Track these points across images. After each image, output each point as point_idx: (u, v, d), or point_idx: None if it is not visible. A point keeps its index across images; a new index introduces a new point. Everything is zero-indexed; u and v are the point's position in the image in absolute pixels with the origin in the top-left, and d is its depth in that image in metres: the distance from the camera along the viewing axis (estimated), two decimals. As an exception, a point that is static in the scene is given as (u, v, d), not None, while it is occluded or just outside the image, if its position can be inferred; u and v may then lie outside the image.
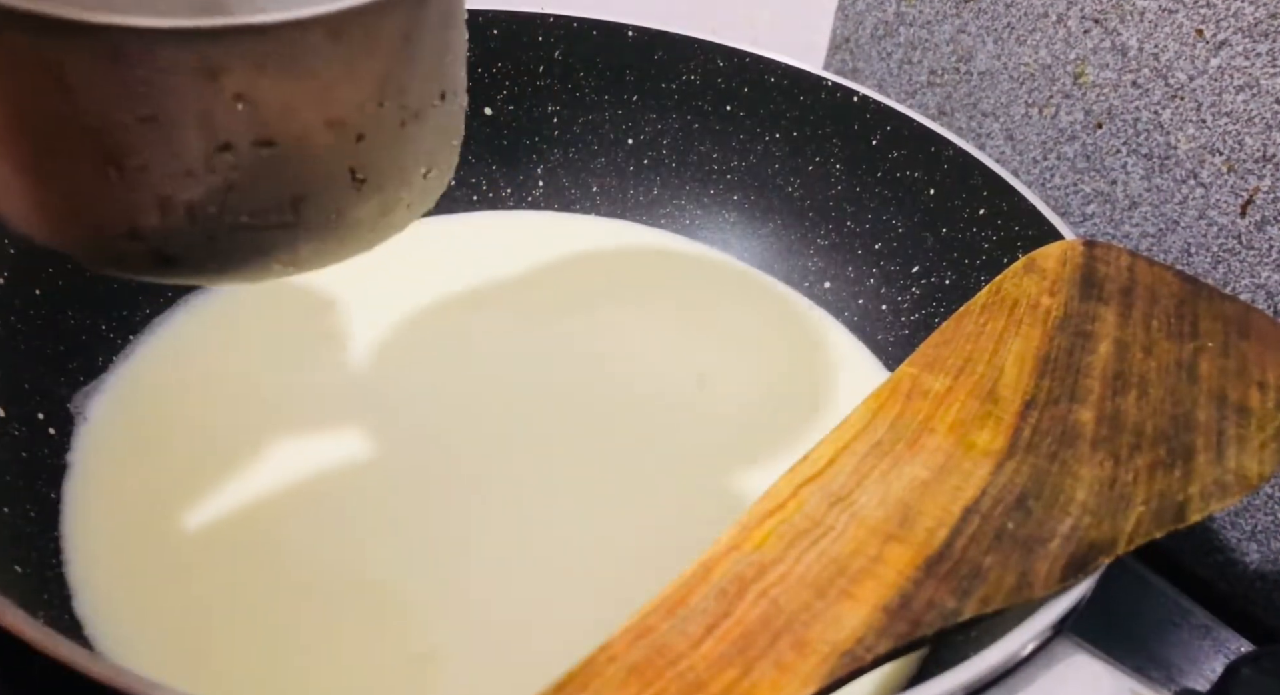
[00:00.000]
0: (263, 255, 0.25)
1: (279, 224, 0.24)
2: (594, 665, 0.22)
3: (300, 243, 0.25)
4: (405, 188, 0.26)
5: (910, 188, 0.48)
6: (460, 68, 0.27)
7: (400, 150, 0.25)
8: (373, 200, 0.25)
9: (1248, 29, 0.41)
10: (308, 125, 0.23)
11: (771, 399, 0.45)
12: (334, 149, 0.24)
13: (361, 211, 0.25)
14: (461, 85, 0.28)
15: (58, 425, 0.38)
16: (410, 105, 0.25)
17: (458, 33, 0.27)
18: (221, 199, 0.23)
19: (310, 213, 0.24)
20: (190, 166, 0.23)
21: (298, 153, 0.23)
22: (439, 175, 0.27)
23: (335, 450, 0.39)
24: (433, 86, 0.26)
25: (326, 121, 0.23)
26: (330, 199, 0.25)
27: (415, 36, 0.24)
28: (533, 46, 0.50)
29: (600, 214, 0.54)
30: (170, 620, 0.33)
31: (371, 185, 0.25)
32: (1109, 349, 0.35)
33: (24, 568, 0.32)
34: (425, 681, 0.33)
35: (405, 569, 0.36)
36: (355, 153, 0.24)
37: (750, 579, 0.25)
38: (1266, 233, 0.43)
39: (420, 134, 0.26)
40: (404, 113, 0.25)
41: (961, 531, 0.27)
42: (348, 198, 0.25)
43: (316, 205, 0.24)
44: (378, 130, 0.24)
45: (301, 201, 0.24)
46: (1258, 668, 0.30)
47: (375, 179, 0.25)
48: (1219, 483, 0.30)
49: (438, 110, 0.26)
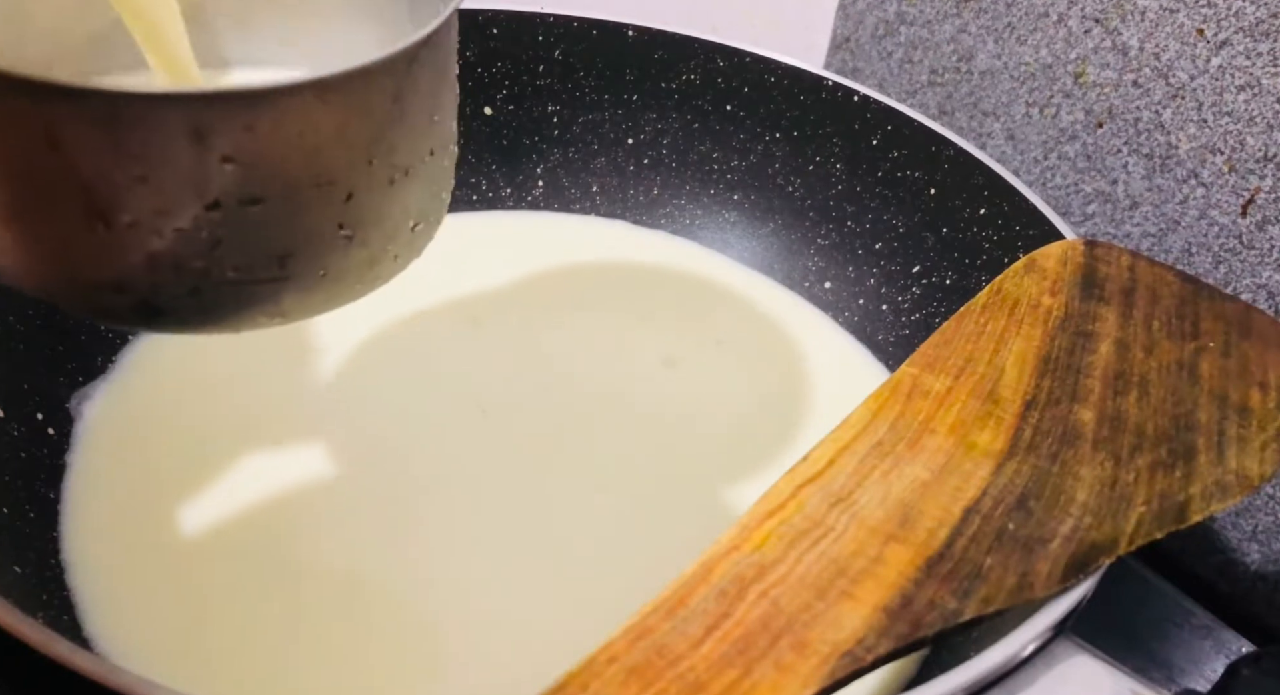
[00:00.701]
0: (248, 308, 0.25)
1: (266, 279, 0.24)
2: (594, 666, 0.22)
3: (286, 296, 0.25)
4: (392, 242, 0.26)
5: (911, 187, 0.48)
6: (451, 122, 0.27)
7: (389, 206, 0.25)
8: (360, 255, 0.25)
9: (1249, 28, 0.41)
10: (296, 184, 0.23)
11: (771, 399, 0.44)
12: (322, 207, 0.24)
13: (348, 266, 0.25)
14: (452, 139, 0.28)
15: (56, 425, 0.38)
16: (399, 163, 0.25)
17: (448, 91, 0.27)
18: (209, 254, 0.23)
19: (297, 268, 0.24)
20: (179, 224, 0.23)
21: (286, 210, 0.23)
22: (426, 228, 0.27)
23: (335, 450, 0.39)
24: (422, 144, 0.26)
25: (315, 181, 0.23)
26: (317, 254, 0.24)
27: (405, 98, 0.24)
28: (533, 46, 0.50)
29: (600, 214, 0.54)
30: (169, 620, 0.33)
31: (359, 241, 0.25)
32: (1110, 349, 0.35)
33: (23, 568, 0.32)
34: (425, 681, 0.33)
35: (405, 569, 0.36)
36: (343, 210, 0.24)
37: (750, 580, 0.25)
38: (1267, 233, 0.42)
39: (409, 190, 0.26)
40: (393, 171, 0.25)
41: (962, 532, 0.27)
42: (335, 253, 0.25)
43: (303, 260, 0.24)
44: (366, 188, 0.24)
45: (289, 257, 0.24)
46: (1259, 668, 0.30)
47: (362, 234, 0.25)
48: (1220, 483, 0.30)
49: (427, 166, 0.26)
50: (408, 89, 0.24)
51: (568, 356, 0.45)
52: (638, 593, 0.25)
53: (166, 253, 0.23)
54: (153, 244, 0.23)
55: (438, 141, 0.27)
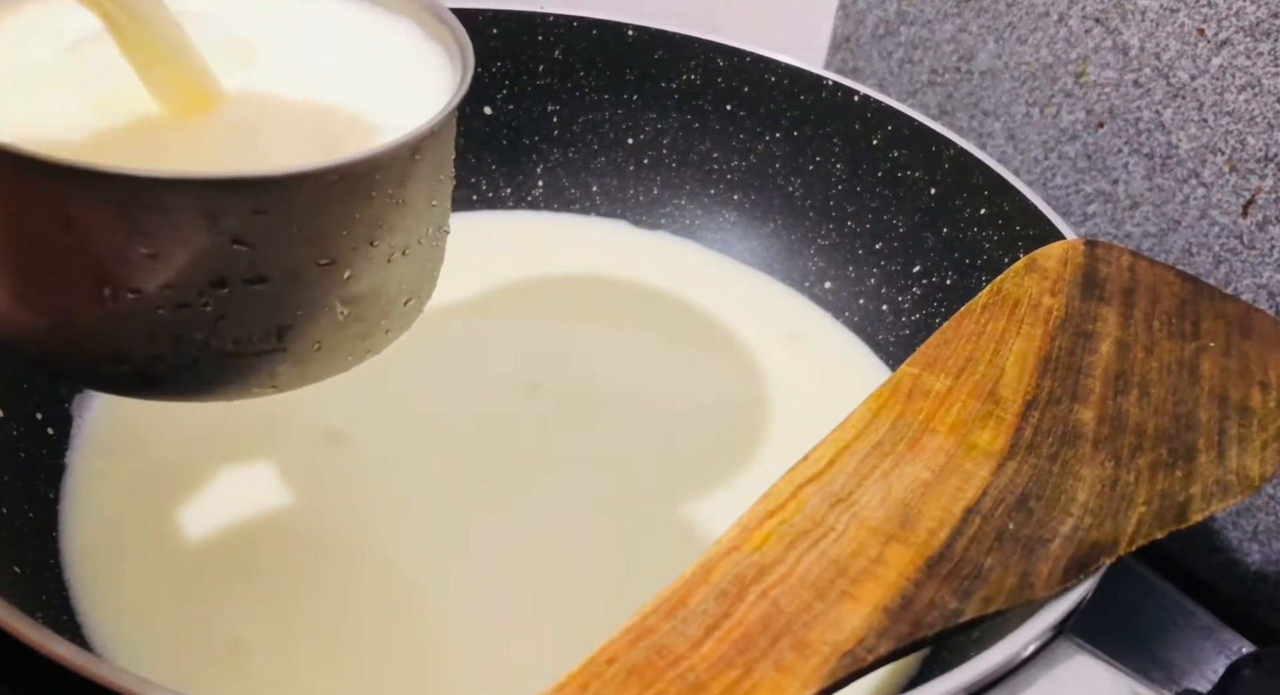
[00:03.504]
0: (243, 379, 0.26)
1: (263, 351, 0.25)
2: (594, 666, 0.22)
3: (281, 368, 0.26)
4: (386, 317, 0.27)
5: (911, 187, 0.48)
6: (446, 204, 0.28)
7: (386, 284, 0.26)
8: (355, 328, 0.26)
9: (1249, 28, 0.41)
10: (300, 264, 0.24)
11: (772, 399, 0.44)
12: (324, 285, 0.25)
13: (343, 339, 0.26)
14: (446, 219, 0.28)
15: (56, 425, 0.38)
16: (398, 244, 0.26)
17: (446, 176, 0.28)
18: (210, 328, 0.24)
19: (294, 341, 0.25)
20: (184, 299, 0.23)
21: (288, 288, 0.24)
22: (418, 303, 0.28)
23: (335, 449, 0.39)
24: (420, 226, 0.27)
25: (319, 261, 0.24)
26: (315, 329, 0.25)
27: (408, 184, 0.25)
28: (532, 46, 0.50)
29: (600, 214, 0.54)
30: (168, 620, 0.33)
31: (355, 315, 0.26)
32: (1110, 349, 0.34)
33: (23, 568, 0.32)
34: (426, 681, 0.33)
35: (405, 568, 0.36)
36: (343, 287, 0.25)
37: (750, 580, 0.25)
38: (1268, 232, 0.42)
39: (405, 268, 0.26)
40: (392, 251, 0.25)
41: (962, 532, 0.27)
42: (332, 327, 0.26)
43: (301, 334, 0.25)
44: (366, 268, 0.25)
45: (287, 331, 0.25)
46: (1259, 669, 0.30)
47: (359, 310, 0.26)
48: (1220, 483, 0.30)
49: (423, 246, 0.27)
50: (411, 175, 0.25)
51: (567, 356, 0.45)
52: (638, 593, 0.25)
53: (169, 325, 0.24)
54: (156, 317, 0.23)
55: (434, 223, 0.27)
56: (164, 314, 0.23)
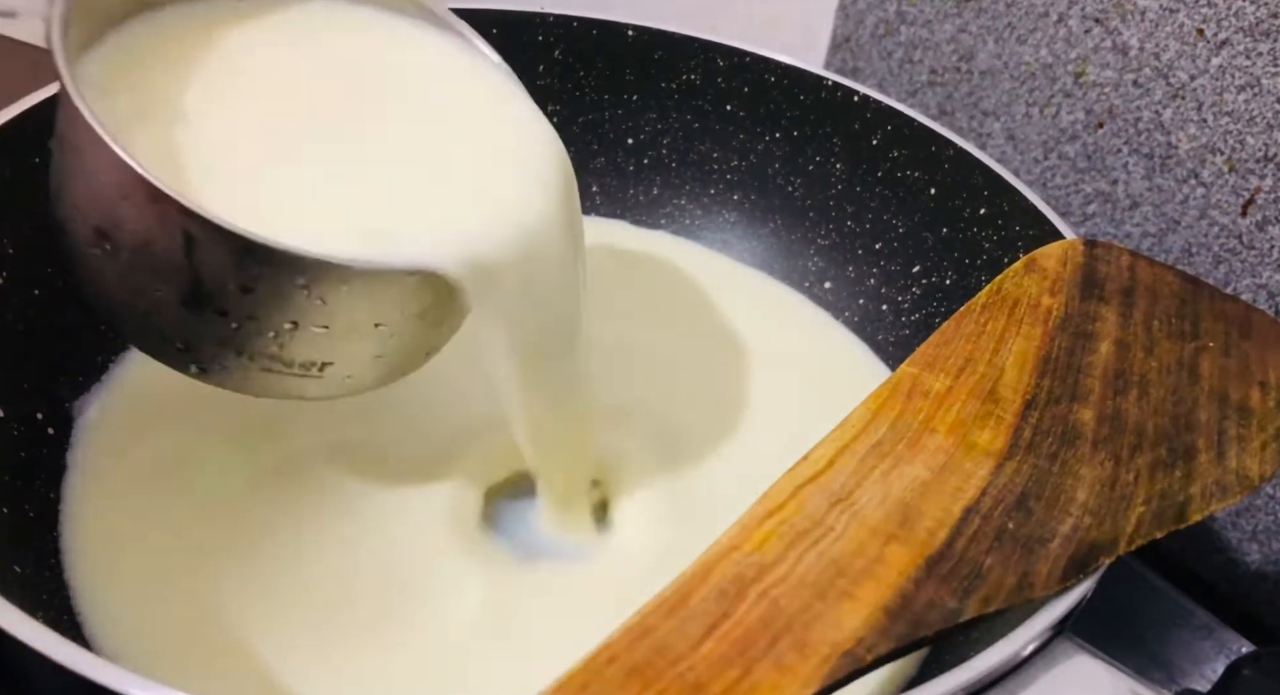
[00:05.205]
0: (277, 389, 0.31)
1: (302, 375, 0.30)
2: (594, 665, 0.22)
3: (311, 387, 0.31)
4: (409, 365, 0.33)
5: (911, 187, 0.48)
6: None
7: (417, 342, 0.32)
8: (382, 370, 0.32)
9: (1249, 28, 0.41)
10: (359, 323, 0.29)
11: (771, 399, 0.44)
12: (371, 341, 0.30)
13: (371, 376, 0.32)
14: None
15: (57, 425, 0.38)
16: (434, 317, 0.31)
17: None
18: (269, 352, 0.29)
19: (330, 374, 0.31)
20: (260, 328, 0.28)
21: (344, 338, 0.29)
22: (433, 354, 0.33)
23: (336, 449, 0.39)
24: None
25: (373, 324, 0.30)
26: (350, 368, 0.31)
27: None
28: (532, 46, 0.50)
29: (600, 214, 0.54)
30: (169, 620, 0.33)
31: (385, 361, 0.31)
32: (1110, 349, 0.35)
33: (23, 568, 0.32)
34: (426, 681, 0.33)
35: (404, 568, 0.36)
36: (384, 341, 0.30)
37: (750, 580, 0.25)
38: (1268, 232, 0.42)
39: (434, 331, 0.32)
40: (427, 320, 0.31)
41: (962, 532, 0.27)
42: (363, 368, 0.31)
43: (337, 371, 0.31)
44: (406, 331, 0.31)
45: (328, 366, 0.30)
46: (1259, 668, 0.30)
47: (389, 358, 0.31)
48: (1220, 483, 0.30)
49: (451, 316, 0.32)
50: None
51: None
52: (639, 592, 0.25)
53: (238, 340, 0.29)
54: (232, 333, 0.28)
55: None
56: (239, 333, 0.28)
